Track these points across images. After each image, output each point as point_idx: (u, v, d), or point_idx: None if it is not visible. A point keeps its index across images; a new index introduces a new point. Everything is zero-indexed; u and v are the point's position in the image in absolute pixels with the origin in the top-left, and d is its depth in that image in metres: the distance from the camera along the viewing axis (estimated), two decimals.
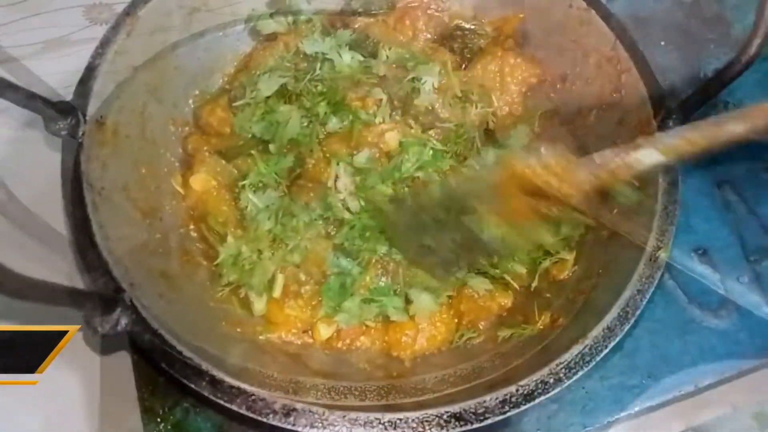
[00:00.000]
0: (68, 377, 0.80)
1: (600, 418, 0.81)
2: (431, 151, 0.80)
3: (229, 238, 0.75)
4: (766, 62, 1.06)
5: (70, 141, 0.68)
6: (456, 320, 0.76)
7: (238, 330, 0.72)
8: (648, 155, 0.59)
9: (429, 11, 0.92)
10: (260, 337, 0.74)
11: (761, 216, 0.95)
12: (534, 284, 0.78)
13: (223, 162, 0.81)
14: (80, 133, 0.68)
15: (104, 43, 0.73)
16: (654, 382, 0.83)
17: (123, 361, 0.78)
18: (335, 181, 0.77)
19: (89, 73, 0.71)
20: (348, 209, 0.76)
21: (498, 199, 0.64)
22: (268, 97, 0.82)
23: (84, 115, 0.68)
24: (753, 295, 0.90)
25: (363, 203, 0.76)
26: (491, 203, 0.64)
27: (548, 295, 0.75)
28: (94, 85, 0.70)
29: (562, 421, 0.81)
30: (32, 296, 0.50)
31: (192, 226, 0.80)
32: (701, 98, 0.71)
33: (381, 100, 0.83)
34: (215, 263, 0.75)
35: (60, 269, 0.52)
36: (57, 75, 1.06)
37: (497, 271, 0.77)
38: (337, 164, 0.78)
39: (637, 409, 0.82)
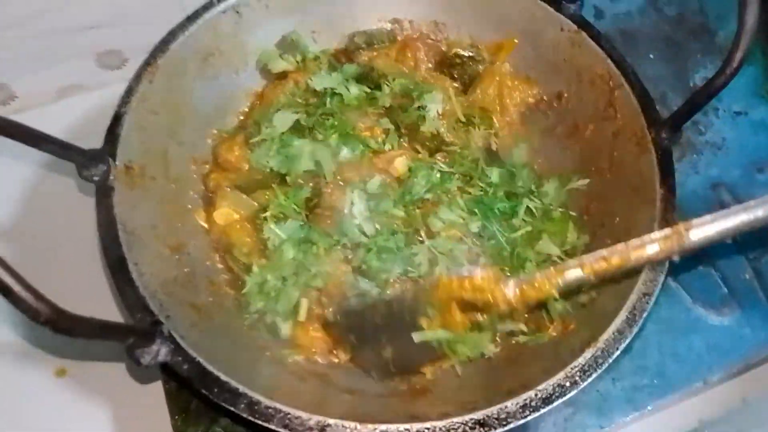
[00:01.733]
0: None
1: (615, 419, 0.85)
2: (439, 174, 0.84)
3: (254, 268, 0.79)
4: (751, 67, 1.12)
5: (102, 185, 0.72)
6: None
7: (267, 354, 0.76)
8: (573, 273, 0.68)
9: (428, 41, 0.97)
10: (288, 360, 0.77)
11: None
12: None
13: (244, 196, 0.85)
14: (111, 177, 0.72)
15: (128, 92, 0.78)
16: (664, 381, 0.87)
17: (156, 390, 0.82)
18: (350, 207, 0.81)
19: (116, 121, 0.76)
20: (364, 233, 0.80)
21: (437, 313, 0.74)
22: (282, 133, 0.86)
23: (114, 161, 0.73)
24: (754, 292, 0.94)
25: (378, 227, 0.80)
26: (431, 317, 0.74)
27: (558, 304, 0.79)
28: (121, 132, 0.75)
29: (578, 423, 0.84)
30: (82, 333, 0.55)
31: (217, 258, 0.84)
32: (690, 109, 0.75)
33: (388, 129, 0.87)
34: (243, 292, 0.79)
35: (99, 306, 0.56)
36: (72, 120, 1.12)
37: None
38: (352, 191, 0.82)
39: (649, 407, 0.86)
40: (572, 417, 0.85)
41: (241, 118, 0.94)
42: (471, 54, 0.95)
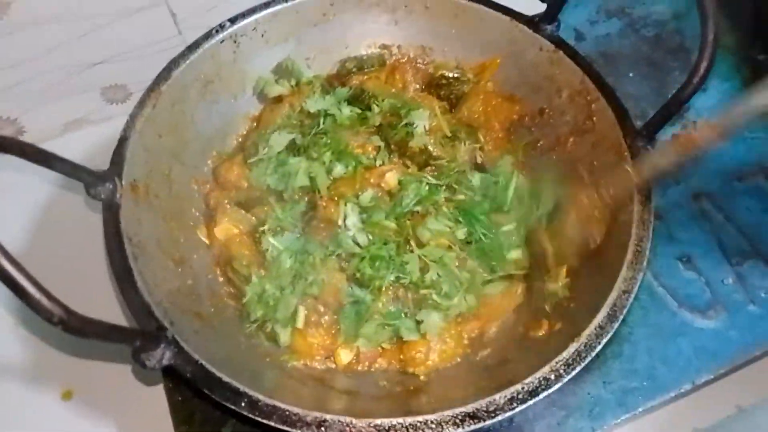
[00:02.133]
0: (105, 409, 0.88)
1: (607, 421, 0.87)
2: (427, 186, 0.88)
3: (254, 278, 0.83)
4: (727, 83, 1.17)
5: (109, 202, 0.77)
6: (464, 335, 0.84)
7: (268, 360, 0.80)
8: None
9: (416, 65, 1.03)
10: (288, 365, 0.81)
11: (737, 221, 1.03)
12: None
13: (243, 212, 0.89)
14: (118, 195, 0.77)
15: (133, 117, 0.83)
16: (654, 384, 0.89)
17: (161, 408, 0.85)
18: (344, 219, 0.85)
19: (122, 143, 0.81)
20: (357, 244, 0.84)
21: None
22: (279, 152, 0.91)
23: (120, 180, 0.78)
24: (738, 295, 0.96)
25: (370, 237, 0.84)
26: None
27: (546, 306, 0.82)
28: (126, 153, 0.80)
29: (571, 426, 0.86)
30: (90, 334, 0.58)
31: (218, 272, 0.88)
32: (663, 118, 0.80)
33: (379, 146, 0.92)
34: (243, 302, 0.83)
35: (107, 315, 0.59)
36: (79, 152, 1.17)
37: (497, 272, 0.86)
38: (345, 205, 0.86)
39: (640, 409, 0.88)
40: (565, 420, 0.87)
41: (240, 140, 0.99)
42: (456, 75, 1.01)
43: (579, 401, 0.88)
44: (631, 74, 1.18)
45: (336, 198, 0.87)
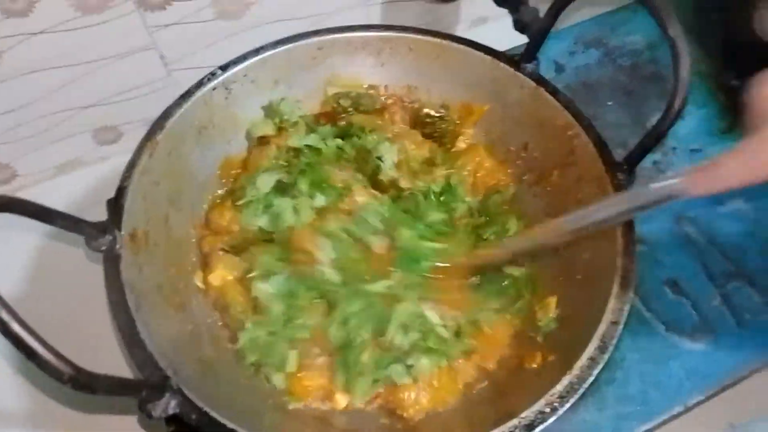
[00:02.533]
0: None
1: None
2: (387, 207, 0.92)
3: (247, 324, 0.85)
4: (704, 108, 1.21)
5: (110, 254, 0.78)
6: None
7: (270, 401, 0.81)
8: None
9: (404, 104, 1.06)
10: (289, 407, 0.82)
11: (719, 244, 1.06)
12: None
13: (236, 258, 0.90)
14: (118, 246, 0.78)
15: (131, 166, 0.84)
16: (647, 408, 0.91)
17: None
18: (319, 252, 0.87)
19: (120, 192, 0.82)
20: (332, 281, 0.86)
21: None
22: (266, 193, 0.93)
23: (119, 230, 0.79)
24: (725, 317, 0.99)
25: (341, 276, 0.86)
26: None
27: (538, 338, 0.85)
28: (125, 203, 0.81)
29: None
30: (100, 390, 0.60)
31: (217, 316, 0.89)
32: (642, 151, 0.83)
33: (355, 175, 0.95)
34: (237, 347, 0.84)
35: (108, 364, 0.60)
36: (73, 193, 1.18)
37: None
38: (319, 236, 0.88)
39: None
40: None
41: (232, 183, 1.00)
42: (440, 114, 1.04)
43: (575, 428, 0.89)
44: (610, 102, 1.22)
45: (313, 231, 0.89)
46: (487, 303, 0.90)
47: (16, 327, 0.53)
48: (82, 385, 0.57)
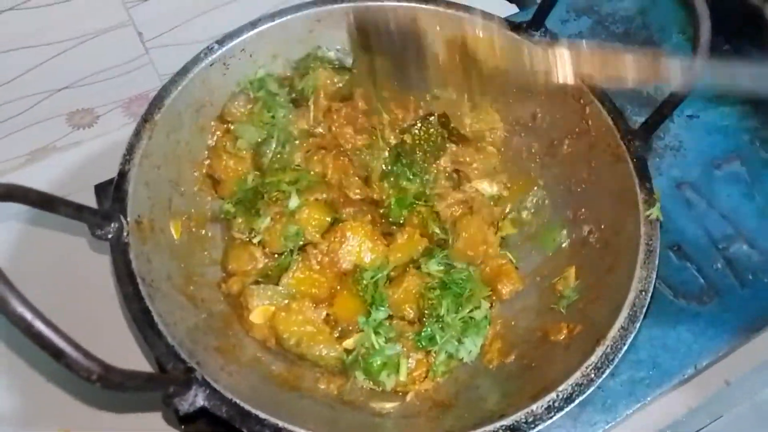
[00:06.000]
0: None
1: (619, 412, 0.90)
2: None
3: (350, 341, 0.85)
4: None
5: (117, 242, 0.74)
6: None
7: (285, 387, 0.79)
8: None
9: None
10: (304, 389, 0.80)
11: (719, 208, 1.07)
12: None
13: (270, 286, 0.86)
14: (124, 234, 0.74)
15: (130, 150, 0.79)
16: (659, 372, 0.93)
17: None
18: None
19: (122, 178, 0.77)
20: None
21: None
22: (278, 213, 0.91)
23: (125, 217, 0.75)
24: (728, 279, 1.01)
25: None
26: None
27: (561, 309, 0.84)
28: (128, 189, 0.77)
29: (586, 420, 0.89)
30: (129, 387, 0.56)
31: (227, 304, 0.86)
32: (659, 118, 0.82)
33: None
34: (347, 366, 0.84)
35: (127, 359, 0.57)
36: (50, 180, 1.12)
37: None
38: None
39: (649, 398, 0.91)
40: (579, 416, 0.89)
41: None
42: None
43: (591, 396, 0.89)
44: None
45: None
46: None
47: (40, 326, 0.49)
48: (112, 384, 0.53)
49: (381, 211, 0.95)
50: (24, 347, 0.92)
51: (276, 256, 0.90)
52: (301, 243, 0.89)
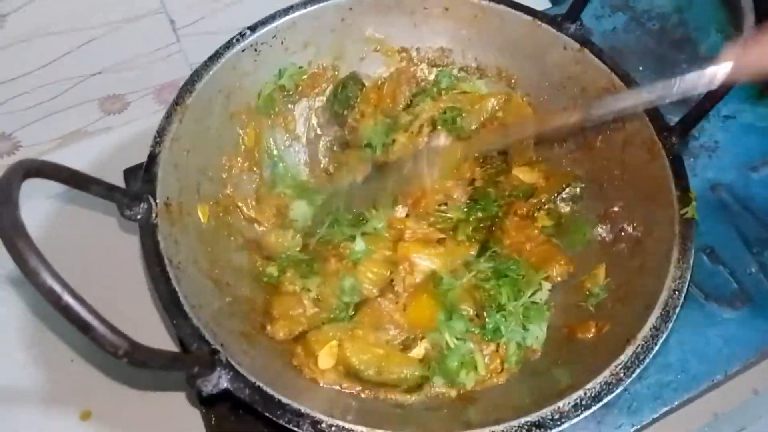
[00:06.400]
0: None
1: (645, 416, 0.88)
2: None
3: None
4: None
5: (146, 223, 0.74)
6: None
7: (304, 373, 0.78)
8: None
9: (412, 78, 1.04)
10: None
11: (754, 211, 1.05)
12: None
13: (328, 325, 0.83)
14: (153, 215, 0.74)
15: (161, 132, 0.80)
16: (688, 376, 0.91)
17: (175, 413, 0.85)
18: None
19: (152, 160, 0.78)
20: None
21: None
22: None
23: (154, 199, 0.75)
24: (762, 284, 0.98)
25: None
26: None
27: (590, 307, 0.83)
28: (158, 171, 0.77)
29: (611, 423, 0.88)
30: (154, 364, 0.56)
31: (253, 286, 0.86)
32: (698, 114, 0.80)
33: None
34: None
35: (151, 338, 0.57)
36: (79, 165, 1.13)
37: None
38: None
39: (676, 403, 0.89)
40: (604, 418, 0.88)
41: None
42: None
43: (617, 398, 0.88)
44: (640, 68, 1.19)
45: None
46: None
47: (69, 299, 0.49)
48: (137, 361, 0.53)
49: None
50: (51, 323, 0.93)
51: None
52: (356, 300, 0.86)
